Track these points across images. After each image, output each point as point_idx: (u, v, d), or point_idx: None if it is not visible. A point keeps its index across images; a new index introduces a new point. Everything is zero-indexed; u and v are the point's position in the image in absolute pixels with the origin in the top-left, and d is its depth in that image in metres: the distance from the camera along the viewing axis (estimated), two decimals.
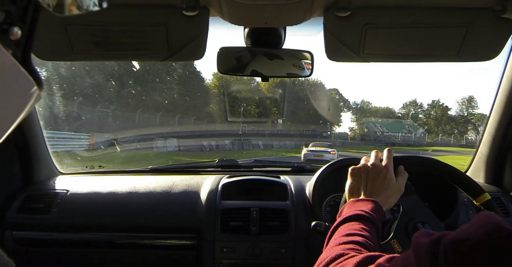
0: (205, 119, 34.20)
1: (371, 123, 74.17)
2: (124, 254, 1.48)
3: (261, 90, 56.08)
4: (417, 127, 75.68)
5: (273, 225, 1.40)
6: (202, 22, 1.07)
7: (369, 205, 0.87)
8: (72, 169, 1.97)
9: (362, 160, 1.04)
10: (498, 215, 0.90)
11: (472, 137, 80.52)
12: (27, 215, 1.51)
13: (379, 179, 0.95)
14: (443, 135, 76.20)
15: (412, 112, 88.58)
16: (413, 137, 67.63)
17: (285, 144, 39.58)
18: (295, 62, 1.30)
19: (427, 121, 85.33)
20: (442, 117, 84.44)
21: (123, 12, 1.05)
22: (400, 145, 55.69)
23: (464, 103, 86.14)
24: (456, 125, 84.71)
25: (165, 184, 1.62)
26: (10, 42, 0.33)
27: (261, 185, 1.60)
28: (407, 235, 0.97)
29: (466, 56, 1.12)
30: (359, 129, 76.59)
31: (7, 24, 0.33)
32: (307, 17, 1.08)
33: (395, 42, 1.12)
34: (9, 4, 0.33)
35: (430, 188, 1.28)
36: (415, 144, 58.44)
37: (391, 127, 73.16)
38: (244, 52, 1.30)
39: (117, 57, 1.27)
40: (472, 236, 0.46)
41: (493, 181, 1.67)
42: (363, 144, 53.58)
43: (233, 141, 31.15)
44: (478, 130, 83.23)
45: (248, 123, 42.62)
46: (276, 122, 50.38)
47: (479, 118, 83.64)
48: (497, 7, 0.98)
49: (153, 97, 32.92)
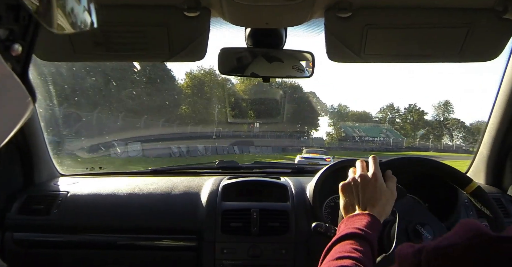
0: (175, 121, 31.40)
1: (349, 128, 73.50)
2: (125, 256, 1.48)
3: (237, 91, 53.68)
4: (394, 132, 75.58)
5: (274, 226, 1.40)
6: (203, 23, 1.08)
7: (364, 220, 0.87)
8: (72, 170, 1.97)
9: (349, 172, 1.02)
10: (488, 201, 0.99)
11: (447, 142, 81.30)
12: (27, 216, 1.51)
13: (370, 189, 0.94)
14: (420, 139, 76.40)
15: (389, 116, 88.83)
16: (391, 141, 67.22)
17: (261, 149, 37.47)
18: (295, 65, 1.31)
19: (403, 125, 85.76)
20: (418, 122, 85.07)
21: (124, 13, 1.06)
22: (378, 150, 55.10)
23: (440, 107, 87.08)
24: (432, 130, 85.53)
25: (165, 185, 1.62)
26: (11, 57, 0.35)
27: (261, 186, 1.60)
28: (409, 239, 0.97)
29: (467, 56, 1.13)
30: (336, 133, 75.55)
31: (9, 41, 0.35)
32: (308, 18, 1.09)
33: (396, 43, 1.13)
34: (13, 23, 0.35)
35: (430, 189, 1.31)
36: (393, 149, 57.88)
37: (369, 131, 72.68)
38: (245, 53, 1.31)
39: (118, 58, 1.28)
40: (454, 243, 0.47)
41: (493, 182, 1.67)
42: (341, 149, 52.23)
43: (206, 145, 28.64)
44: (453, 135, 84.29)
45: (222, 126, 39.99)
46: (252, 126, 47.95)
47: (453, 123, 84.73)
48: (498, 8, 0.99)
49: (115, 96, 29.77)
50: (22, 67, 0.38)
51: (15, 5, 0.34)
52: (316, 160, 17.74)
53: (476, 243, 0.46)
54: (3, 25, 0.34)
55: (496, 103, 1.55)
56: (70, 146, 13.50)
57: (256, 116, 57.38)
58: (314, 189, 1.44)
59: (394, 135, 73.94)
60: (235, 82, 56.82)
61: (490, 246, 0.45)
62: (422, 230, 0.99)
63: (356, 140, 65.11)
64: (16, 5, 0.34)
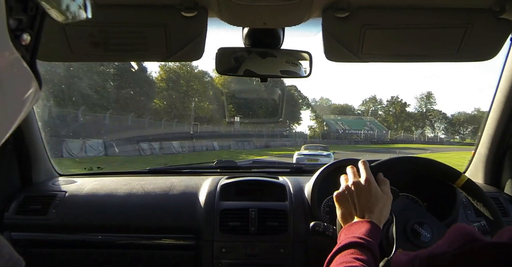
0: (146, 117, 28.58)
1: (332, 121, 72.28)
2: (123, 255, 1.49)
3: (215, 85, 50.89)
4: (378, 124, 74.73)
5: (272, 226, 1.41)
6: (200, 23, 1.09)
7: (363, 227, 0.87)
8: (70, 170, 2.02)
9: (341, 180, 1.02)
10: (480, 193, 1.00)
11: (428, 133, 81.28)
12: (25, 216, 1.51)
13: (365, 195, 0.94)
14: (405, 131, 75.85)
15: (372, 108, 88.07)
16: (376, 134, 66.22)
17: (243, 145, 35.25)
18: (288, 59, 1.30)
19: (386, 118, 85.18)
20: (401, 114, 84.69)
21: (122, 13, 1.07)
22: (363, 142, 54.00)
23: (423, 99, 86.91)
24: (415, 122, 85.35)
25: (164, 185, 1.62)
26: (21, 46, 0.38)
27: (259, 185, 1.61)
28: (409, 240, 0.98)
29: (465, 56, 1.14)
30: (319, 127, 74.01)
31: (19, 30, 0.38)
32: (306, 18, 1.10)
33: (394, 43, 1.14)
34: (21, 13, 0.38)
35: (428, 189, 1.33)
36: (378, 141, 56.82)
37: (352, 124, 71.62)
38: (242, 53, 1.31)
39: (115, 58, 1.30)
40: (447, 250, 0.48)
41: (491, 181, 1.68)
42: (325, 143, 50.56)
43: (182, 142, 26.12)
44: (434, 127, 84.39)
45: (200, 121, 37.33)
46: (233, 121, 45.37)
47: (435, 115, 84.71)
48: (495, 8, 1.00)
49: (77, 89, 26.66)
50: (30, 55, 0.40)
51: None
52: (315, 156, 16.69)
53: (468, 250, 0.46)
54: (13, 15, 0.36)
55: (494, 103, 1.54)
56: None
57: (236, 110, 54.87)
58: (312, 189, 1.45)
59: (378, 128, 73.15)
60: (213, 75, 54.21)
61: (482, 252, 0.45)
62: (420, 229, 0.99)
63: (340, 133, 63.68)
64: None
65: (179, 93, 42.63)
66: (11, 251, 0.38)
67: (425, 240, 0.98)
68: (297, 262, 1.39)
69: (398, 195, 1.03)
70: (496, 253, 0.45)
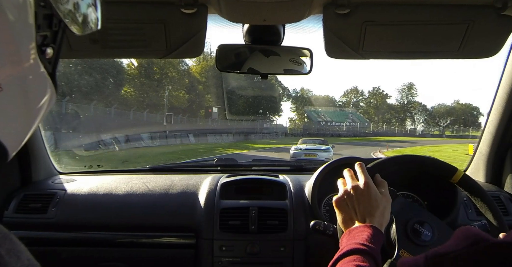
0: (113, 106, 25.58)
1: (313, 112, 70.74)
2: (123, 253, 1.49)
3: (192, 74, 47.82)
4: (360, 116, 73.68)
5: (272, 224, 1.43)
6: (200, 20, 1.09)
7: (365, 232, 0.86)
8: (70, 168, 2.00)
9: (339, 185, 1.00)
10: (477, 188, 1.01)
11: (409, 126, 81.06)
12: (25, 214, 1.52)
13: (365, 199, 0.93)
14: (387, 124, 75.15)
15: (353, 100, 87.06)
16: (358, 126, 65.07)
17: (221, 137, 32.86)
18: (292, 58, 1.31)
19: (368, 109, 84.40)
20: (382, 106, 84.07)
21: (121, 9, 1.07)
22: (345, 135, 52.67)
23: (404, 90, 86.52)
24: (395, 114, 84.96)
25: (164, 183, 1.64)
26: (45, 60, 0.42)
27: (260, 184, 1.63)
28: (410, 240, 0.98)
29: (467, 53, 1.14)
30: (299, 119, 72.22)
31: (44, 46, 0.41)
32: (307, 14, 1.10)
33: (395, 39, 1.14)
34: (47, 29, 0.41)
35: (428, 188, 1.34)
36: (360, 134, 55.62)
37: (334, 116, 70.36)
38: (243, 50, 1.32)
39: (114, 55, 1.34)
40: (454, 250, 0.50)
41: (492, 179, 1.68)
42: (307, 135, 48.68)
43: (153, 134, 23.38)
44: (414, 119, 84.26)
45: (175, 112, 34.51)
46: (210, 111, 42.65)
47: (416, 107, 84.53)
48: (497, 4, 1.00)
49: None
50: (52, 67, 0.44)
51: (49, 14, 0.41)
52: (313, 151, 15.73)
53: (475, 249, 0.47)
54: (40, 32, 0.40)
55: (495, 101, 1.55)
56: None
57: (214, 101, 52.03)
58: (312, 187, 1.46)
59: (360, 120, 72.17)
60: (190, 63, 51.15)
61: (488, 252, 0.46)
62: (421, 228, 0.99)
63: (322, 125, 62.10)
64: (50, 14, 0.41)
65: (152, 81, 39.52)
66: (30, 257, 0.41)
67: (426, 239, 0.98)
68: (297, 261, 1.40)
69: (397, 195, 1.03)
70: (503, 252, 0.46)
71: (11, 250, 0.38)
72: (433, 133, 70.87)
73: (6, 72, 0.35)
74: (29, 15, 0.37)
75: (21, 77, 0.38)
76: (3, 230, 0.40)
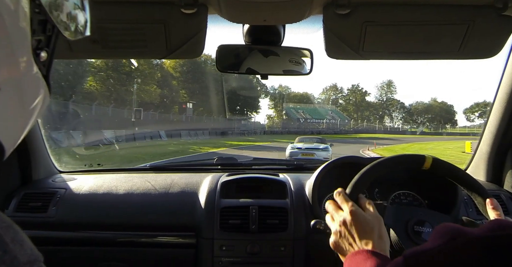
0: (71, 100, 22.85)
1: (292, 109, 69.34)
2: (123, 252, 1.50)
3: (165, 68, 45.09)
4: (340, 113, 72.77)
5: (273, 223, 1.43)
6: (200, 20, 1.09)
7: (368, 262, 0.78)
8: (70, 167, 1.99)
9: (327, 221, 0.98)
10: (451, 169, 1.02)
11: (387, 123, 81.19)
12: (25, 213, 1.52)
13: (357, 229, 0.88)
14: (366, 121, 74.61)
15: (332, 97, 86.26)
16: (338, 123, 64.05)
17: (196, 134, 30.75)
18: (291, 58, 1.32)
19: (347, 107, 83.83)
20: (361, 103, 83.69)
21: (121, 10, 1.07)
22: (326, 132, 51.55)
23: (383, 88, 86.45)
24: (374, 111, 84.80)
25: (164, 182, 1.65)
26: (39, 63, 0.44)
27: (260, 183, 1.63)
28: (413, 242, 0.98)
29: (467, 53, 1.15)
30: (278, 116, 70.57)
31: (38, 49, 0.44)
32: (307, 14, 1.10)
33: (395, 40, 1.14)
34: (41, 34, 0.44)
35: (428, 187, 1.34)
36: (341, 131, 54.56)
37: (314, 113, 69.21)
38: (243, 50, 1.32)
39: (114, 55, 1.29)
40: (432, 247, 0.51)
41: (493, 179, 1.69)
42: (286, 133, 46.99)
43: (118, 130, 21.00)
44: (392, 116, 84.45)
45: (146, 108, 31.93)
46: (184, 107, 40.17)
47: (394, 104, 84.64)
48: (498, 5, 1.01)
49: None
50: (46, 69, 0.47)
51: (43, 19, 0.43)
52: (311, 150, 14.90)
53: (453, 245, 0.48)
54: (35, 36, 0.42)
55: (496, 100, 1.55)
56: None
57: (189, 96, 49.45)
58: (313, 186, 1.45)
59: (341, 117, 71.28)
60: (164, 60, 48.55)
61: (464, 247, 0.47)
62: (421, 228, 0.99)
63: (301, 122, 60.61)
64: (44, 20, 0.43)
65: (121, 74, 36.64)
66: (32, 246, 0.41)
67: (427, 237, 0.97)
68: (298, 260, 1.41)
69: (385, 207, 1.03)
70: (480, 246, 0.46)
71: (15, 239, 0.39)
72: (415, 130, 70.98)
73: (4, 74, 0.37)
74: (25, 21, 0.40)
75: (18, 79, 0.40)
76: (7, 219, 0.40)
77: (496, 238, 0.47)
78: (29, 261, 0.38)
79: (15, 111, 0.41)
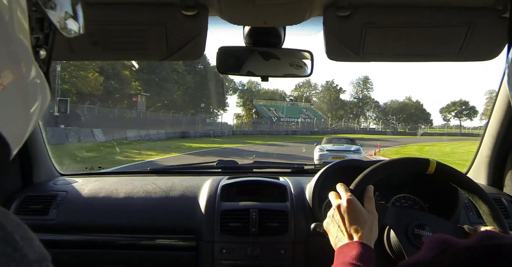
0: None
1: (264, 107, 63.75)
2: (123, 255, 1.50)
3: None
4: (315, 112, 67.60)
5: (273, 226, 1.44)
6: (201, 22, 1.10)
7: (354, 250, 0.85)
8: (71, 170, 1.98)
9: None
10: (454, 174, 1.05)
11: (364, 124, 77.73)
12: (26, 216, 1.52)
13: (350, 216, 0.93)
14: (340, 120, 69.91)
15: (306, 94, 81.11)
16: (314, 122, 58.84)
17: (148, 133, 23.94)
18: (292, 61, 1.32)
19: (321, 105, 78.99)
20: (336, 101, 79.20)
21: (122, 11, 1.08)
22: (301, 133, 45.99)
23: (359, 84, 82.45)
24: (350, 109, 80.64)
25: (165, 185, 1.65)
26: (39, 60, 0.46)
27: (260, 186, 1.64)
28: (414, 246, 0.99)
29: (467, 55, 1.16)
30: (248, 115, 64.27)
31: (37, 47, 0.45)
32: (307, 16, 1.11)
33: (395, 42, 1.15)
34: (39, 32, 0.45)
35: (429, 191, 1.35)
36: (319, 131, 49.09)
37: (287, 111, 64.42)
38: (243, 52, 1.33)
39: (115, 57, 1.30)
40: (423, 260, 0.51)
41: (493, 182, 1.70)
42: (257, 132, 40.37)
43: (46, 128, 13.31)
44: (367, 116, 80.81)
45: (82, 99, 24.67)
46: (135, 100, 32.75)
47: (369, 102, 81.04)
48: (498, 7, 1.01)
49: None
50: (46, 67, 0.48)
51: (41, 17, 0.45)
52: (342, 152, 13.28)
53: (443, 257, 0.49)
54: (33, 34, 0.44)
55: (496, 104, 1.56)
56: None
57: (144, 89, 41.68)
58: (313, 189, 1.46)
59: (316, 115, 66.57)
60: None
61: (456, 258, 0.48)
62: (422, 231, 1.00)
63: (274, 121, 54.84)
64: (41, 18, 0.45)
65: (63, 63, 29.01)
66: (40, 245, 0.42)
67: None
68: (298, 264, 1.41)
69: (387, 207, 1.05)
70: (465, 256, 0.47)
71: (25, 237, 0.40)
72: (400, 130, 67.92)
73: (6, 73, 0.38)
74: (24, 19, 0.41)
75: (20, 77, 0.41)
76: (16, 218, 0.41)
77: (484, 248, 0.47)
78: (38, 260, 0.39)
79: (18, 109, 0.42)
